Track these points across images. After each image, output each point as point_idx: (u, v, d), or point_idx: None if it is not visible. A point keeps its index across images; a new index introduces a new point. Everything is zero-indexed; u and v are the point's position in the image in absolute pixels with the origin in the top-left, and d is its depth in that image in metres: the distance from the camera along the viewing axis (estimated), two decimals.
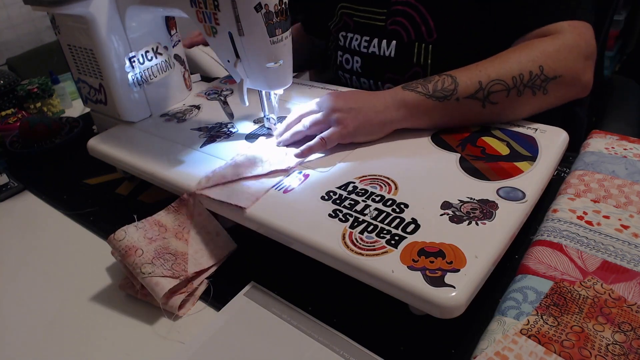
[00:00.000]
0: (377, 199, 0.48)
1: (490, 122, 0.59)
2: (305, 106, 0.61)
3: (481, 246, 0.41)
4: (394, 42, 0.72)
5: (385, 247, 0.42)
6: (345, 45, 0.79)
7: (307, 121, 0.59)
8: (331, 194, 0.50)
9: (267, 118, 0.63)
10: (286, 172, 0.55)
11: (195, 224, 0.53)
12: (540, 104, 0.58)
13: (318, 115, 0.59)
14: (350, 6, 0.78)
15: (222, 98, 0.76)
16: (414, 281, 0.38)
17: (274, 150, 0.59)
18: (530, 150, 0.54)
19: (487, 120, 0.59)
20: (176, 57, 0.76)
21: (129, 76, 0.69)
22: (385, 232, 0.44)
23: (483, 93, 0.56)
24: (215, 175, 0.55)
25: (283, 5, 0.52)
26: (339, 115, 0.57)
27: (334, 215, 0.47)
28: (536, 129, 0.57)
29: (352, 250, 0.42)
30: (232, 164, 0.57)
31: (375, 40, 0.74)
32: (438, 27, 0.67)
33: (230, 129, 0.67)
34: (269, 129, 0.64)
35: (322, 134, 0.57)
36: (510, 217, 0.45)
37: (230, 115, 0.70)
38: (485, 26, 0.64)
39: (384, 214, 0.46)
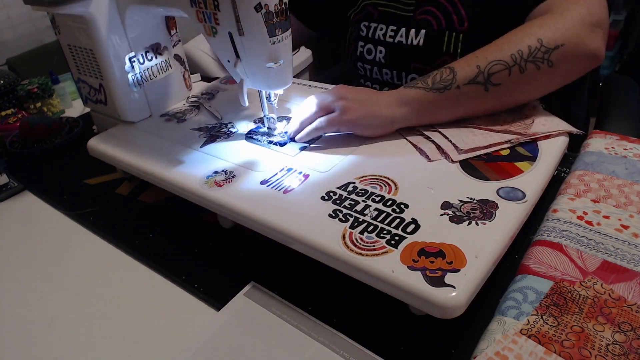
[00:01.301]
0: (377, 199, 0.48)
1: (499, 107, 0.59)
2: (314, 97, 0.62)
3: (481, 246, 0.41)
4: (423, 30, 0.71)
5: (385, 247, 0.42)
6: (367, 36, 0.78)
7: (313, 105, 0.60)
8: (331, 194, 0.50)
9: (267, 118, 0.63)
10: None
11: None
12: (549, 78, 0.57)
13: (326, 100, 0.59)
14: None
15: (204, 101, 0.75)
16: (414, 281, 0.38)
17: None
18: (530, 150, 0.54)
19: (495, 106, 0.59)
20: (176, 57, 0.76)
21: (129, 76, 0.69)
22: (385, 232, 0.44)
23: (483, 76, 0.56)
24: None
25: (283, 5, 0.52)
26: (344, 103, 0.58)
27: (334, 215, 0.47)
28: None
29: (352, 250, 0.42)
30: None
31: (403, 30, 0.73)
32: (470, 16, 0.67)
33: (230, 129, 0.67)
34: (269, 128, 0.64)
35: (322, 117, 0.58)
36: (510, 217, 0.45)
37: (217, 118, 0.70)
38: (516, 16, 0.62)
39: (384, 214, 0.46)
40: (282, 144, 0.61)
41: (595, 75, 0.77)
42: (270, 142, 0.62)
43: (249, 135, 0.64)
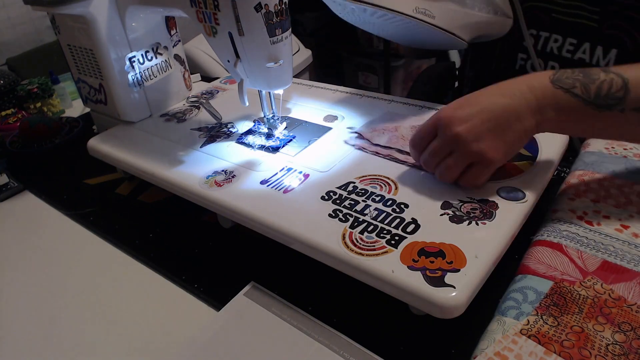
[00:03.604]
0: (377, 199, 0.48)
1: None
2: (416, 134, 0.49)
3: (481, 246, 0.41)
4: (614, 50, 0.60)
5: (386, 247, 0.42)
6: (535, 47, 0.66)
7: (426, 155, 0.48)
8: (331, 194, 0.50)
9: (267, 119, 0.63)
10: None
11: None
12: None
13: (440, 147, 0.46)
14: None
15: (204, 101, 0.75)
16: (414, 281, 0.38)
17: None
18: (530, 150, 0.54)
19: None
20: (176, 57, 0.76)
21: (129, 76, 0.69)
22: (385, 232, 0.44)
23: None
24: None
25: (283, 5, 0.52)
26: (475, 146, 0.43)
27: (334, 215, 0.47)
28: None
29: (352, 250, 0.42)
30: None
31: (587, 45, 0.62)
32: None
33: (230, 129, 0.67)
34: (269, 128, 0.64)
35: (463, 180, 0.47)
36: (510, 217, 0.45)
37: (217, 118, 0.70)
38: None
39: (384, 214, 0.46)
40: (275, 149, 0.60)
41: None
42: (262, 146, 0.61)
43: (241, 139, 0.64)
